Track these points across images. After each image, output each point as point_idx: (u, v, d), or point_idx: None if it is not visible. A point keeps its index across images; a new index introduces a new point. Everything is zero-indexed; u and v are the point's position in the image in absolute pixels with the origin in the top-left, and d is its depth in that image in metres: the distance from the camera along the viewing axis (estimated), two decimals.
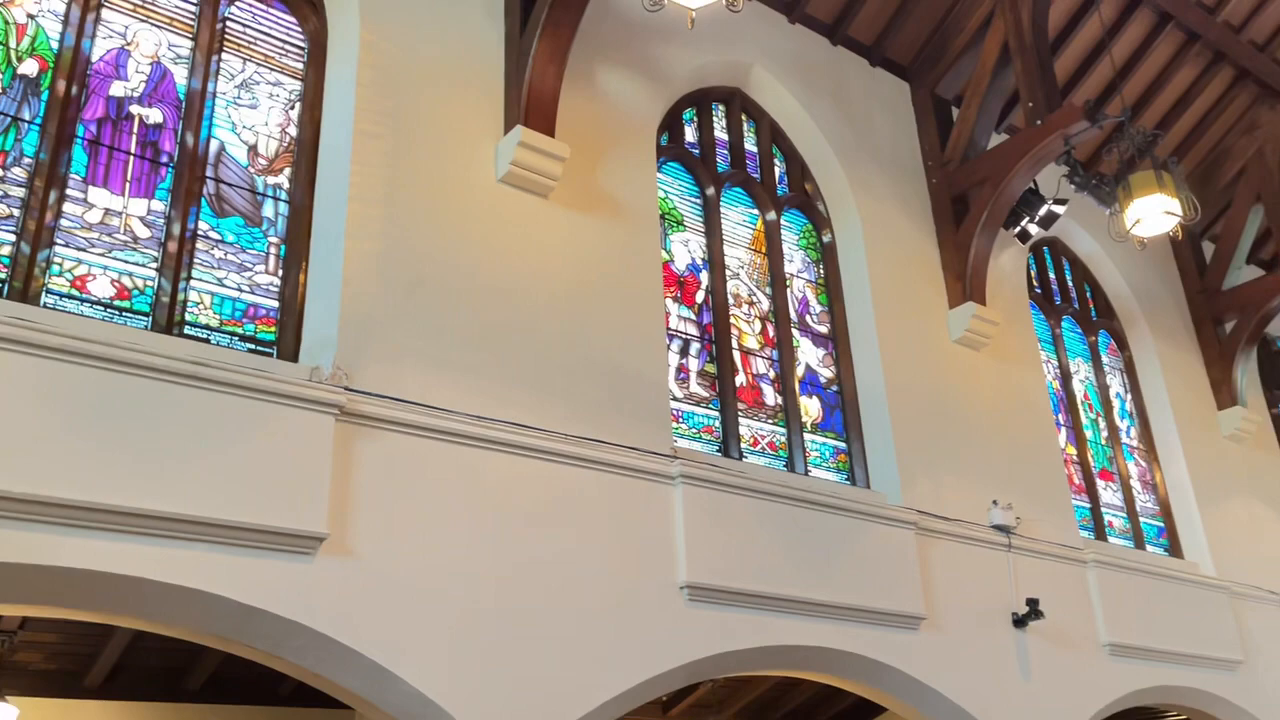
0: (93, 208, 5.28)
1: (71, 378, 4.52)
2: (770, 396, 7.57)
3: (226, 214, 5.69)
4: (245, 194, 5.79)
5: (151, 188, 5.49)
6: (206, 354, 5.02)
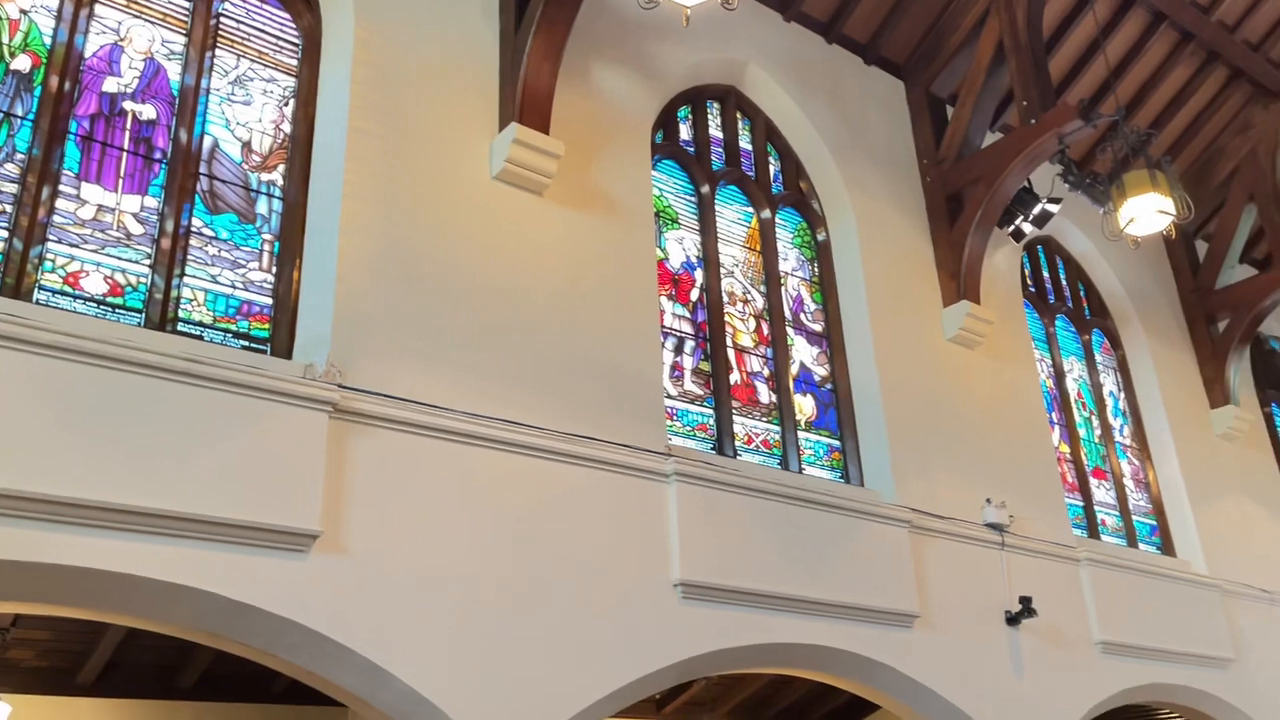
0: (86, 204, 5.26)
1: (64, 374, 4.51)
2: (765, 394, 7.57)
3: (220, 211, 5.68)
4: (239, 191, 5.77)
5: (145, 184, 5.48)
6: (200, 351, 5.00)
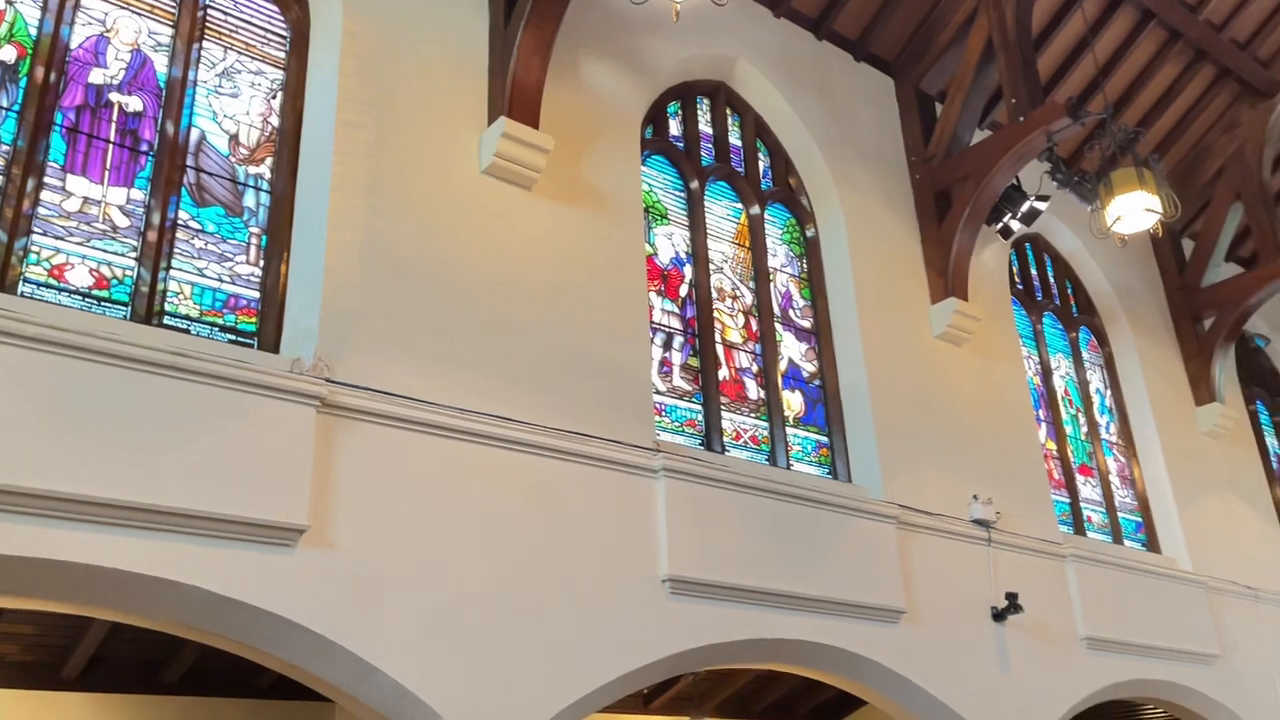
0: (71, 196, 5.23)
1: (49, 367, 4.48)
2: (753, 390, 7.58)
3: (207, 203, 5.65)
4: (226, 183, 5.74)
5: (131, 176, 5.44)
6: (186, 344, 4.98)
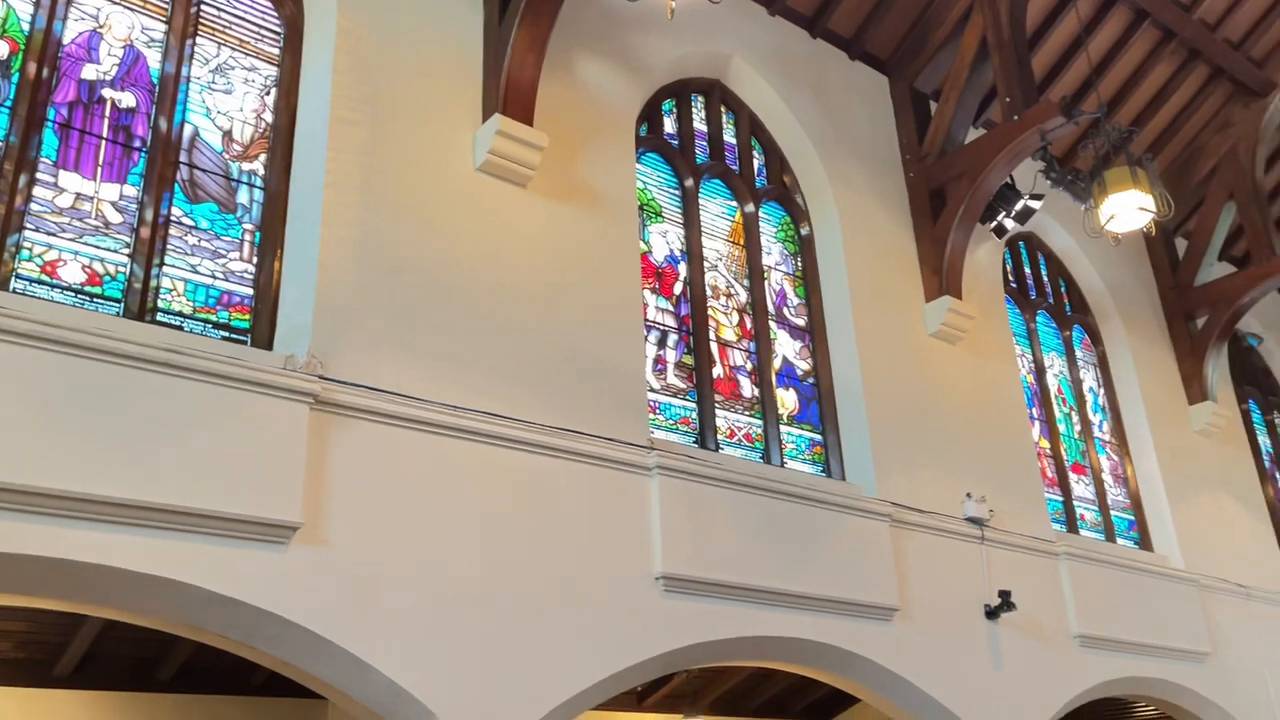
0: (63, 192, 5.21)
1: (41, 364, 4.46)
2: (747, 388, 7.58)
3: (200, 200, 5.63)
4: (220, 180, 5.73)
5: (124, 172, 5.43)
6: (179, 341, 4.97)
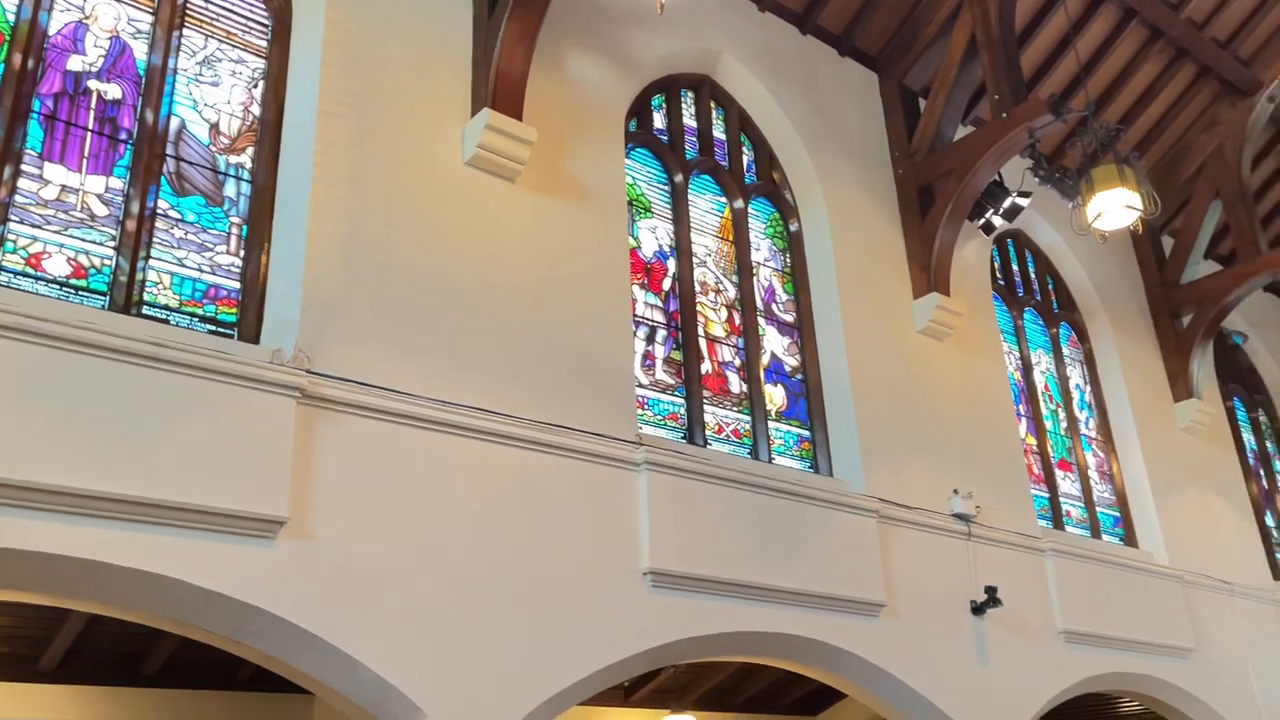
0: (49, 184, 5.18)
1: (26, 357, 4.44)
2: (735, 384, 7.59)
3: (187, 193, 5.60)
4: (206, 173, 5.70)
5: (110, 165, 5.40)
6: (165, 335, 4.94)
